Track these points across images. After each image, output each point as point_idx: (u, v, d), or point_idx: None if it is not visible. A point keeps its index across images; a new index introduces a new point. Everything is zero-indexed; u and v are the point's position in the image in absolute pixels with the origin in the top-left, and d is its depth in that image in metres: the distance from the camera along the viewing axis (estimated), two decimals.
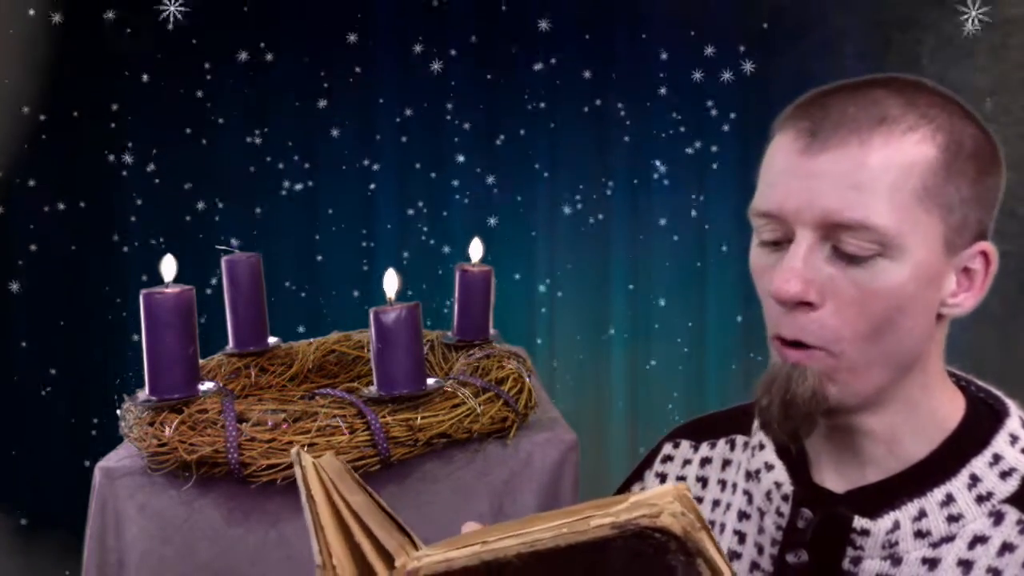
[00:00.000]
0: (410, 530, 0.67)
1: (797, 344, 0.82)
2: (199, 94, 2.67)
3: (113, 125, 2.66)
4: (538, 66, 2.73)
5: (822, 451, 0.90)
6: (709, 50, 2.71)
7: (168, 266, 1.40)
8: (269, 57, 2.68)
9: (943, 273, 0.82)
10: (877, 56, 2.63)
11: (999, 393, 0.91)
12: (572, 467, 1.42)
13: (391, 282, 1.42)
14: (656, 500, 0.62)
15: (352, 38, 2.70)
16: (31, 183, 2.63)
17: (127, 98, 2.66)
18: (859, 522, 0.84)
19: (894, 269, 0.79)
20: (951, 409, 0.87)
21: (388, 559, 0.65)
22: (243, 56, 2.67)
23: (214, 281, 1.60)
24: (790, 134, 0.82)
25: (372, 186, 2.76)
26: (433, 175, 2.76)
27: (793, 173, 0.81)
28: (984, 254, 0.83)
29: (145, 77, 2.65)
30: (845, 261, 0.80)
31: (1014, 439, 0.85)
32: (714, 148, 2.76)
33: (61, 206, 2.66)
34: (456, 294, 1.62)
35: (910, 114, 0.80)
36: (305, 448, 1.29)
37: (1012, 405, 0.89)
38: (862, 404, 0.84)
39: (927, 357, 0.85)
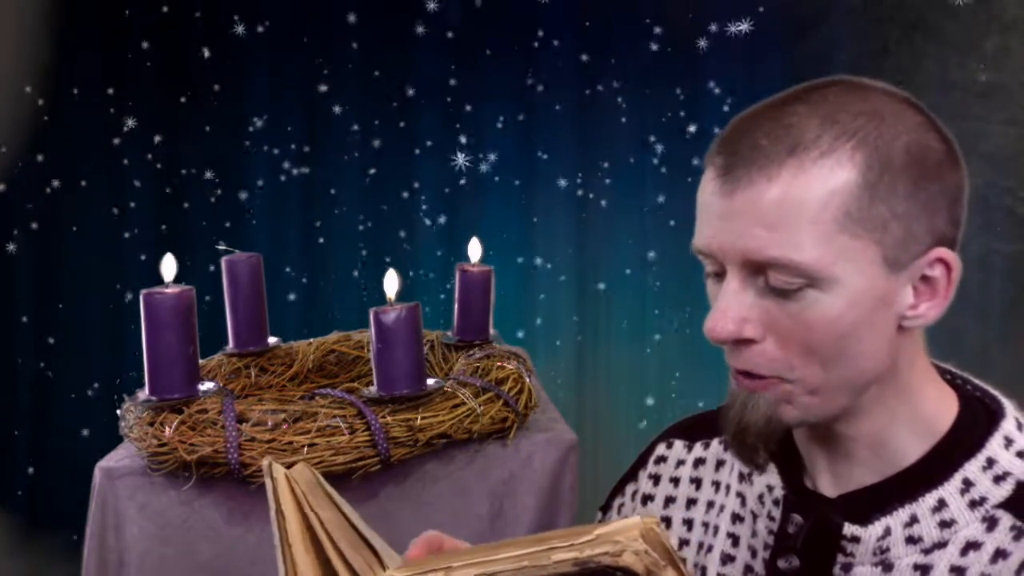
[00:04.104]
0: (378, 548, 0.67)
1: (750, 374, 0.81)
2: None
3: (112, 111, 2.66)
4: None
5: (813, 453, 0.88)
6: (702, 43, 2.70)
7: (168, 266, 1.40)
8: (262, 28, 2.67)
9: (892, 290, 0.79)
10: (877, 56, 2.63)
11: (996, 392, 0.88)
12: (572, 467, 1.42)
13: (391, 282, 1.42)
14: (620, 536, 0.62)
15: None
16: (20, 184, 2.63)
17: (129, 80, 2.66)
18: (849, 529, 0.82)
19: (827, 300, 0.77)
20: (941, 410, 0.85)
21: None
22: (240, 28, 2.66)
23: (213, 280, 1.60)
24: (711, 171, 0.80)
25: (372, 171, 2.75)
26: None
27: (714, 212, 0.79)
28: (942, 261, 0.79)
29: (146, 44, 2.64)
30: (776, 294, 0.78)
31: (1009, 442, 0.83)
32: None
33: (59, 205, 2.66)
34: (456, 294, 1.62)
35: (825, 135, 0.76)
36: (305, 448, 1.29)
37: (1009, 405, 0.86)
38: (829, 420, 0.83)
39: (898, 367, 0.83)
